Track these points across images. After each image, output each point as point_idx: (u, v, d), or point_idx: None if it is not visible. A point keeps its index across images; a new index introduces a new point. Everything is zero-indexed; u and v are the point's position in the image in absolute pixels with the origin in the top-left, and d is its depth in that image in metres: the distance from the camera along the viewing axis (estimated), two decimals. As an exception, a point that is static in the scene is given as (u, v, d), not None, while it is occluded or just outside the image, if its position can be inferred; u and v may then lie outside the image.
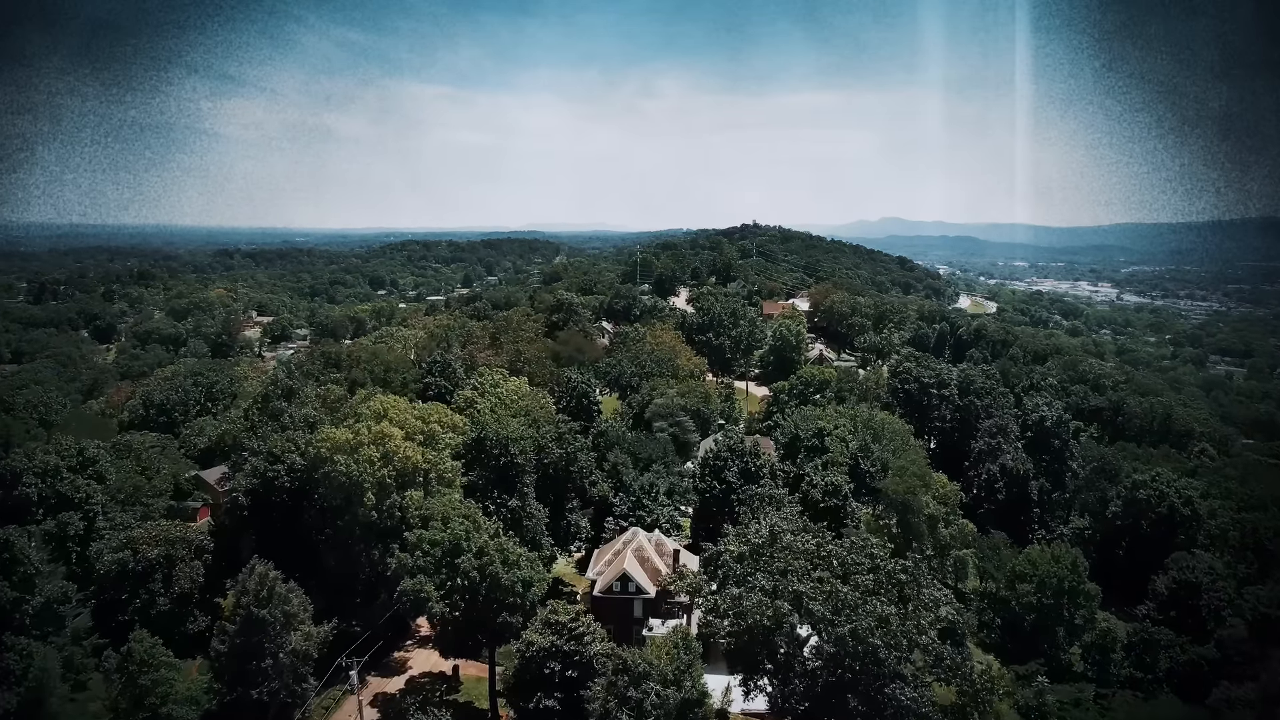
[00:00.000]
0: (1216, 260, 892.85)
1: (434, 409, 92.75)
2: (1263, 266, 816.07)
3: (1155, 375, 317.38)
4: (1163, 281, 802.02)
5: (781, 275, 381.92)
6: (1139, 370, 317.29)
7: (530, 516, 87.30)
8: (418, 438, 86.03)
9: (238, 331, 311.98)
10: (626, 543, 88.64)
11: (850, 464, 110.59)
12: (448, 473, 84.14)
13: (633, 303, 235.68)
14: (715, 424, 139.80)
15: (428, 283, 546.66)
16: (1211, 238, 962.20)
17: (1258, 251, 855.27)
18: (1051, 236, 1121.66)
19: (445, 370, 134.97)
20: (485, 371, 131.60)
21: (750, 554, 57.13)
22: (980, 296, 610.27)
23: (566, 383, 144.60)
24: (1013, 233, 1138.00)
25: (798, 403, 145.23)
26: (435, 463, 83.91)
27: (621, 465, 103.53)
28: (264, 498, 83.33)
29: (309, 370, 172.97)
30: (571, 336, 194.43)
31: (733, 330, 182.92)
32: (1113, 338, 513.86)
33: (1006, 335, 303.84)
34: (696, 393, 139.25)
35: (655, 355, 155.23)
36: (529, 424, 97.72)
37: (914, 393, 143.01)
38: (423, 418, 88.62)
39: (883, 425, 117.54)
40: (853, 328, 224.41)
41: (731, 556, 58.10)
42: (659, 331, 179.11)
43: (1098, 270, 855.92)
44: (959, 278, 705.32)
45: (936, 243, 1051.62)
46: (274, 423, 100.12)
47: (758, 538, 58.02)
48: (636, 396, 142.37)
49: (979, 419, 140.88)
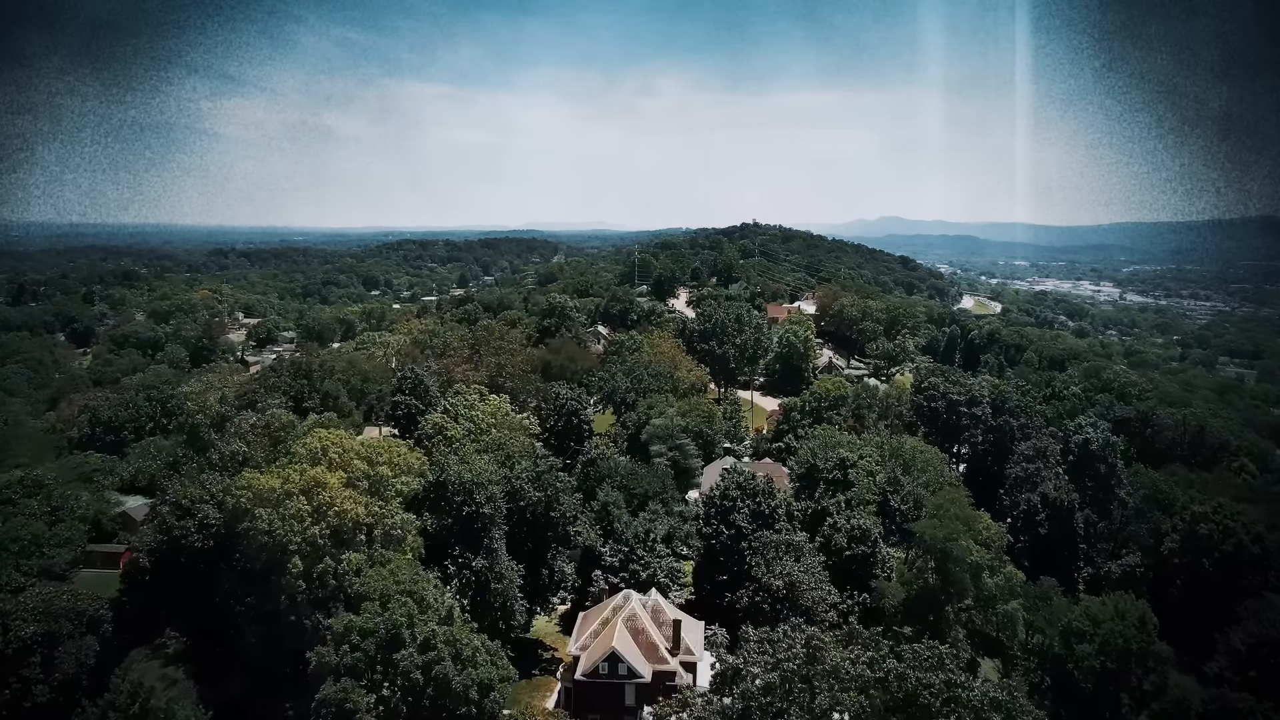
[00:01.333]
0: (1217, 260, 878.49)
1: (385, 446, 76.16)
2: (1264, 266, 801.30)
3: (1171, 380, 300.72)
4: (1165, 281, 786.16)
5: (784, 276, 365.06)
6: (1149, 372, 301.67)
7: (500, 578, 70.84)
8: (362, 484, 69.51)
9: (219, 335, 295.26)
10: (617, 609, 72.09)
11: (878, 499, 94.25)
12: (397, 528, 67.60)
13: (629, 306, 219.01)
14: (720, 446, 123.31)
15: (423, 283, 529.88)
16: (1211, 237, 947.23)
17: (1258, 251, 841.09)
18: (1051, 236, 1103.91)
19: (417, 387, 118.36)
20: (462, 389, 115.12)
21: (781, 684, 40.72)
22: (984, 297, 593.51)
23: (555, 399, 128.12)
24: (1012, 232, 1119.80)
25: (811, 421, 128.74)
26: (381, 516, 67.38)
27: (613, 505, 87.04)
28: (173, 558, 66.96)
29: (274, 384, 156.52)
30: (564, 344, 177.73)
31: (737, 338, 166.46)
32: (1119, 339, 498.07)
33: (1020, 340, 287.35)
34: (699, 411, 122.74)
35: (653, 368, 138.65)
36: (502, 460, 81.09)
37: (941, 411, 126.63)
38: (369, 458, 71.99)
39: (913, 454, 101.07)
40: (863, 333, 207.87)
41: (757, 688, 41.68)
42: (657, 340, 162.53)
43: (1099, 270, 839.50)
44: (960, 277, 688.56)
45: (936, 242, 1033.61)
46: (201, 458, 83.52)
47: (790, 658, 41.67)
48: (632, 415, 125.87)
49: (1015, 441, 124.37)
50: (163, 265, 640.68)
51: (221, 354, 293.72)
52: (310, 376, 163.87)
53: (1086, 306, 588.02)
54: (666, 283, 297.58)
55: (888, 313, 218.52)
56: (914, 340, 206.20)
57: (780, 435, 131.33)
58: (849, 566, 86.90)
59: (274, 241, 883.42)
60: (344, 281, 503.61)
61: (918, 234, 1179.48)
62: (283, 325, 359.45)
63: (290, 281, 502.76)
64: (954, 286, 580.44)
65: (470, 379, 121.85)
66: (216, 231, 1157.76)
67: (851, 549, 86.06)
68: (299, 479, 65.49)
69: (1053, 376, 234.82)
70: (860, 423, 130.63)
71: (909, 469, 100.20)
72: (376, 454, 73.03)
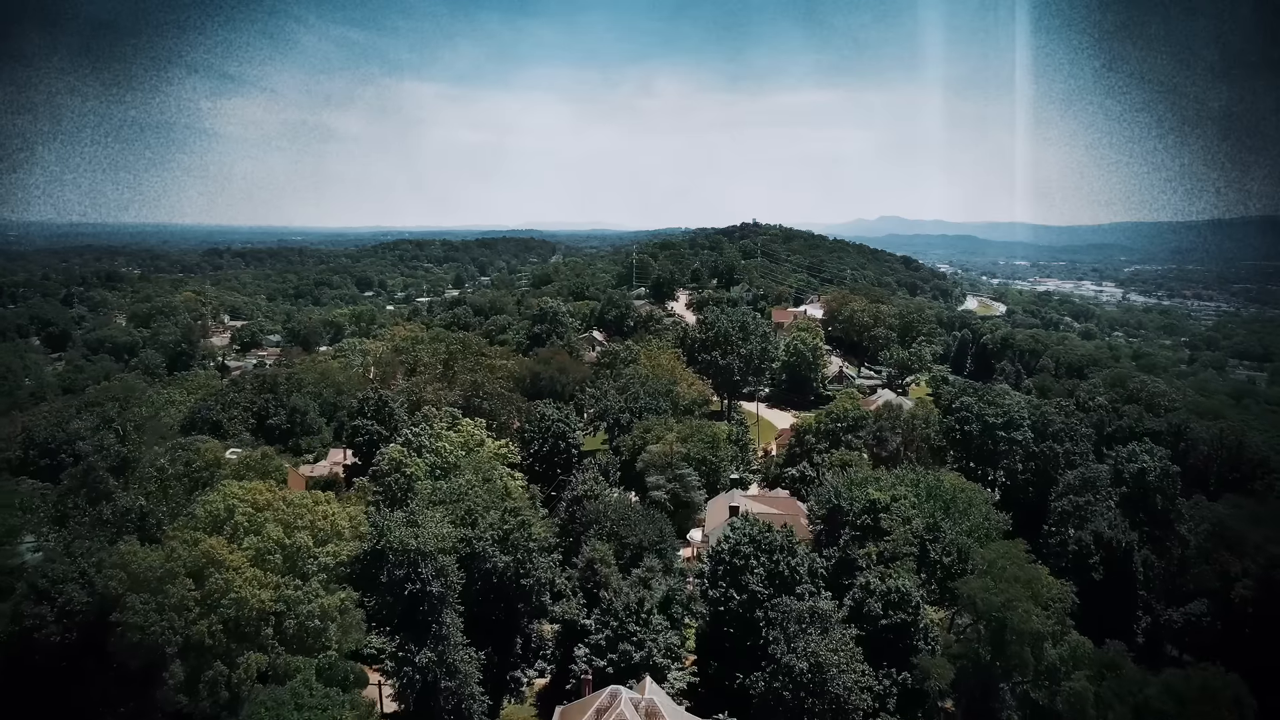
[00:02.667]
0: (1217, 260, 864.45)
1: (308, 503, 59.90)
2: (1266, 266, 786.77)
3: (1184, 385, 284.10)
4: (1167, 281, 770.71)
5: (786, 276, 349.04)
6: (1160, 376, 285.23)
7: (452, 673, 54.88)
8: (275, 556, 53.51)
9: (199, 339, 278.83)
10: (602, 713, 56.09)
11: (916, 549, 78.30)
12: (314, 617, 51.63)
13: (626, 311, 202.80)
14: (726, 476, 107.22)
15: (418, 284, 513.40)
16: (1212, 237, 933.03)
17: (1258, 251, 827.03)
18: (1051, 235, 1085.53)
19: (380, 411, 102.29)
20: (431, 413, 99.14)
21: None
22: (987, 297, 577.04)
23: (539, 420, 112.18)
24: (1012, 231, 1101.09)
25: (828, 444, 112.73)
26: (295, 602, 51.41)
27: (600, 563, 71.02)
28: (26, 657, 51.03)
29: (232, 399, 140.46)
30: (554, 354, 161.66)
31: (742, 347, 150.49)
32: (1126, 340, 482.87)
33: (1035, 345, 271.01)
34: (702, 436, 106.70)
35: (650, 384, 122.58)
36: (461, 517, 64.87)
37: (975, 434, 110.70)
38: (288, 521, 55.89)
39: (954, 494, 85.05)
40: (876, 340, 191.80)
41: None
42: (655, 352, 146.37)
43: (1100, 269, 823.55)
44: (962, 278, 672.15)
45: (936, 241, 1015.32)
46: (91, 510, 67.21)
47: None
48: (627, 439, 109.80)
49: (1059, 469, 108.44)
50: (157, 265, 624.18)
51: (202, 359, 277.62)
52: (276, 390, 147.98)
53: (1091, 307, 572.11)
54: (666, 284, 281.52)
55: (901, 319, 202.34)
56: (930, 348, 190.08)
57: (793, 460, 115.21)
58: (884, 637, 71.11)
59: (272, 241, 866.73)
60: (337, 282, 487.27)
61: (917, 233, 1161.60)
62: (269, 328, 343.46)
63: (283, 282, 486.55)
64: (957, 287, 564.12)
65: (443, 399, 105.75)
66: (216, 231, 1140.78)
67: (888, 616, 70.21)
68: (187, 554, 49.46)
69: (1075, 386, 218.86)
70: (882, 446, 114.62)
71: (949, 510, 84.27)
72: (298, 514, 56.82)
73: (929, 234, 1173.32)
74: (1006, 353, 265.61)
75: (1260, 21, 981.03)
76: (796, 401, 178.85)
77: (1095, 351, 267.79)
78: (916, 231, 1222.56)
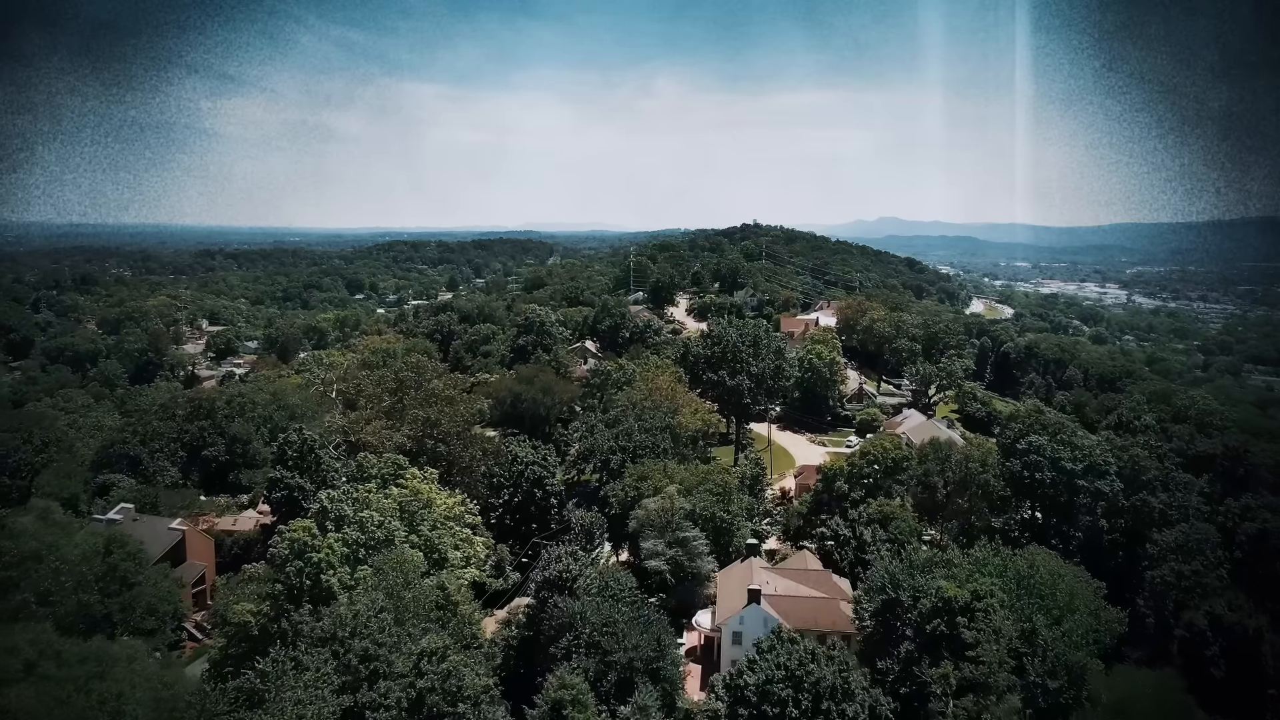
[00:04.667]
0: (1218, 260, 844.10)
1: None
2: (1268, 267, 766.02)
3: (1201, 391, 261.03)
4: (1171, 282, 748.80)
5: (790, 279, 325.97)
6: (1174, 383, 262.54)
7: None
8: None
9: (166, 346, 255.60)
10: None
11: (1011, 672, 55.58)
12: None
13: (621, 321, 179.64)
14: (741, 536, 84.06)
15: (410, 286, 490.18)
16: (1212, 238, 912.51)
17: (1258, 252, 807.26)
18: (1051, 236, 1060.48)
19: (304, 456, 79.34)
20: (371, 461, 76.34)
21: None
22: (992, 300, 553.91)
23: (510, 464, 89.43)
24: (1012, 232, 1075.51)
25: (864, 493, 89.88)
26: None
27: (573, 708, 48.23)
28: None
29: (154, 429, 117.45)
30: (537, 372, 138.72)
31: (753, 365, 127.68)
32: (1137, 344, 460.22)
33: (1061, 354, 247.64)
34: (710, 486, 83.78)
35: (646, 415, 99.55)
36: (354, 672, 41.75)
37: (1046, 483, 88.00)
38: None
39: (1053, 584, 62.08)
40: (899, 353, 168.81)
41: None
42: (653, 372, 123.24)
43: (1103, 271, 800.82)
44: (964, 279, 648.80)
45: (936, 243, 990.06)
46: None
47: None
48: (617, 488, 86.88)
49: (1154, 528, 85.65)
50: (148, 266, 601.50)
51: (170, 368, 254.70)
52: (213, 416, 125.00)
53: (1099, 310, 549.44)
54: (665, 289, 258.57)
55: (925, 329, 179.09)
56: (961, 362, 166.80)
57: (820, 509, 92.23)
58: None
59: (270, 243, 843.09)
60: (327, 285, 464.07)
61: (916, 234, 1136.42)
62: (248, 334, 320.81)
63: (271, 285, 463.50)
64: (963, 290, 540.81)
65: (386, 442, 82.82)
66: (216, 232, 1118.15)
67: (986, 787, 47.90)
68: None
69: (1115, 401, 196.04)
70: (930, 494, 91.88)
71: (1044, 600, 61.50)
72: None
73: (929, 235, 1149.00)
74: (1031, 362, 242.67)
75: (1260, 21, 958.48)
76: (812, 423, 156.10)
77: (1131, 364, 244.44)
78: (916, 233, 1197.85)
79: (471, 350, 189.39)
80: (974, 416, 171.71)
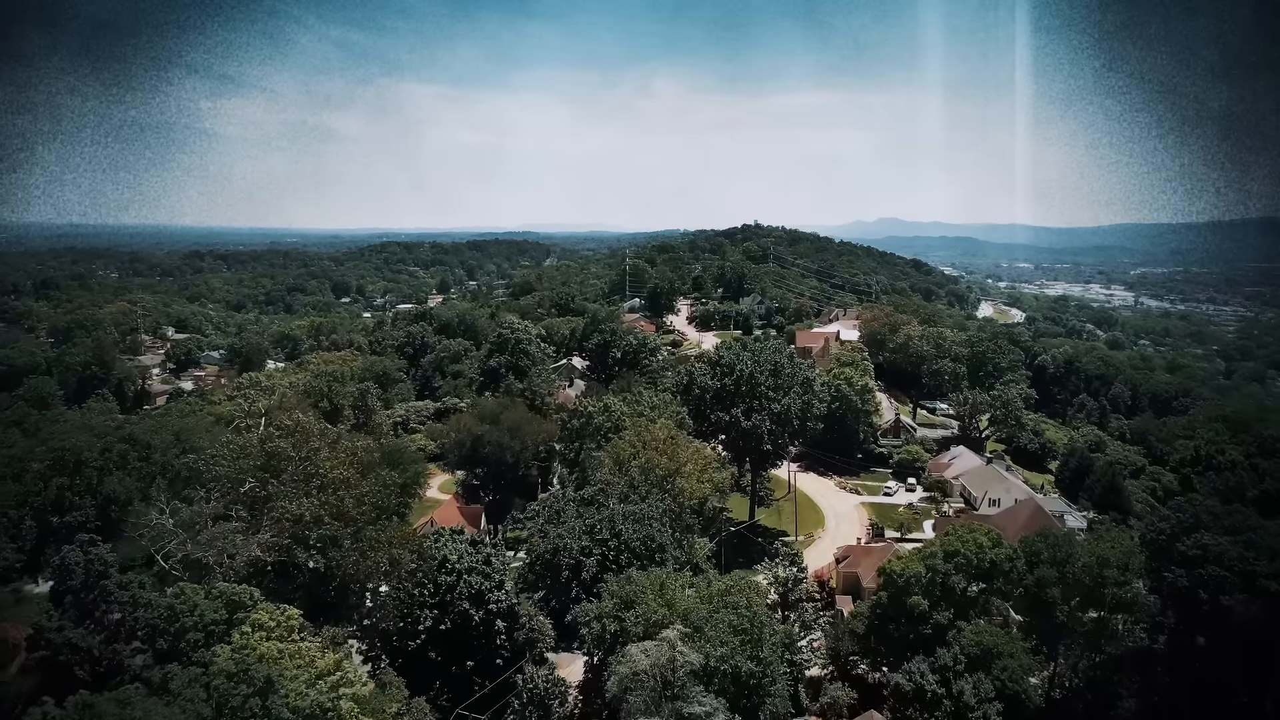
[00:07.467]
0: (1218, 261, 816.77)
1: None
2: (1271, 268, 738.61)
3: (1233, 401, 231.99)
4: (1176, 284, 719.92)
5: (796, 283, 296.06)
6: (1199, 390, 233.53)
7: None
8: None
9: (113, 358, 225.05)
10: None
11: None
12: None
13: (612, 339, 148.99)
14: (779, 700, 53.96)
15: (400, 289, 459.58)
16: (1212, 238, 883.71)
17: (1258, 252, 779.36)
18: (1051, 237, 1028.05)
19: (90, 588, 49.12)
20: (189, 600, 46.53)
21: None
22: (1001, 303, 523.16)
23: (434, 573, 59.68)
24: (1012, 233, 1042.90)
25: (949, 612, 60.05)
26: None
27: None
28: None
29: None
30: (504, 408, 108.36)
31: (776, 401, 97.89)
32: (1154, 349, 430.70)
33: (1106, 369, 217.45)
34: (731, 619, 53.83)
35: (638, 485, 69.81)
36: None
37: (1228, 606, 58.02)
38: None
39: None
40: (939, 375, 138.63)
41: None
42: (648, 413, 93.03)
43: (1106, 272, 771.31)
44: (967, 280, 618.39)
45: (936, 243, 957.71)
46: None
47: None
48: (590, 613, 56.70)
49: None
50: (135, 268, 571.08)
51: (119, 382, 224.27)
52: (81, 472, 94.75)
53: (1110, 313, 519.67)
54: (664, 295, 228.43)
55: (971, 346, 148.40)
56: (1019, 389, 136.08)
57: (882, 626, 62.41)
58: None
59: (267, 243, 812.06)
60: (313, 288, 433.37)
61: (916, 235, 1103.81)
62: (217, 342, 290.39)
63: (255, 288, 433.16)
64: (970, 292, 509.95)
65: (230, 557, 52.55)
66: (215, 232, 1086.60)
67: None
68: None
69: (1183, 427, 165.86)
70: (1046, 610, 61.92)
71: None
72: None
73: (928, 235, 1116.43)
74: (1071, 378, 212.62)
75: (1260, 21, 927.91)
76: (840, 463, 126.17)
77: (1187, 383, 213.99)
78: (916, 233, 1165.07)
79: (440, 370, 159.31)
80: (1025, 449, 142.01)
